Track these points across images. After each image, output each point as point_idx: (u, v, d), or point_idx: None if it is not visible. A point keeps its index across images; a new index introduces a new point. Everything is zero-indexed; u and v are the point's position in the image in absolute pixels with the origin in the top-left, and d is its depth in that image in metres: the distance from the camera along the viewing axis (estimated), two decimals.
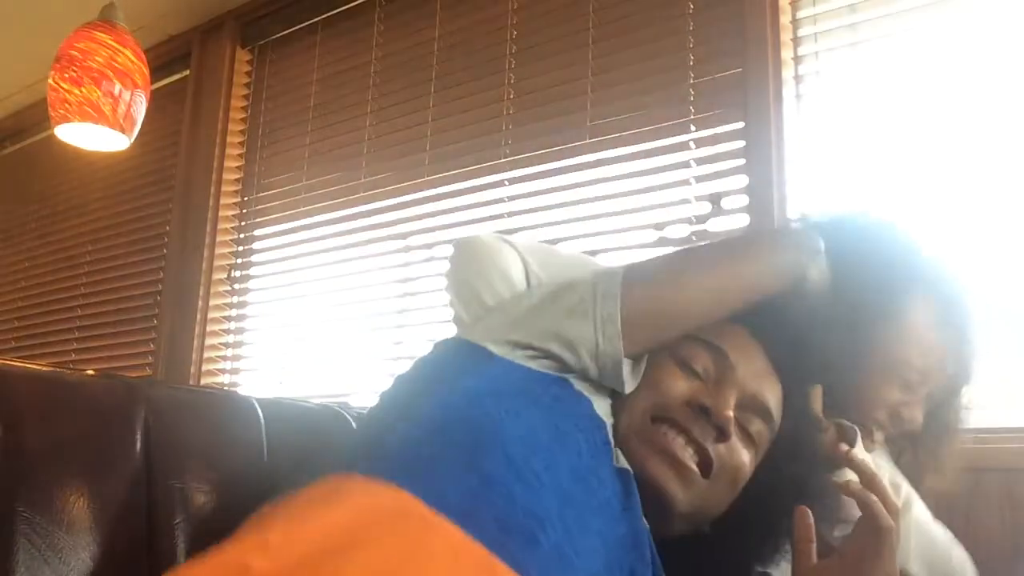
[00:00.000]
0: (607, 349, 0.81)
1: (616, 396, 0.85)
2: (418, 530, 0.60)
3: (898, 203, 1.50)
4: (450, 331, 0.96)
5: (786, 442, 0.86)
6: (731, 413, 0.81)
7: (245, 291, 2.55)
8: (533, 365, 0.81)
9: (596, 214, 1.86)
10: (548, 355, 0.82)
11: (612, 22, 1.92)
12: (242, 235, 2.57)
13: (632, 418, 0.83)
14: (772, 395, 0.86)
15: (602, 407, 0.83)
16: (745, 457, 0.83)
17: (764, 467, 0.85)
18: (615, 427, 0.83)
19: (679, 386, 0.83)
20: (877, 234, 1.04)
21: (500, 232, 1.00)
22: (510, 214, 2.01)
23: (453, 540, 0.60)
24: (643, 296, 0.83)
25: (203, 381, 2.45)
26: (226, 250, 2.56)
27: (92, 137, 2.09)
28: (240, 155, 2.62)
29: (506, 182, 2.03)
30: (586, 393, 0.81)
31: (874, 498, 0.78)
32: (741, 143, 1.68)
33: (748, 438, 0.84)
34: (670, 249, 0.96)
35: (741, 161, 1.68)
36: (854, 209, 1.10)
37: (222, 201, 2.57)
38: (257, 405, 0.91)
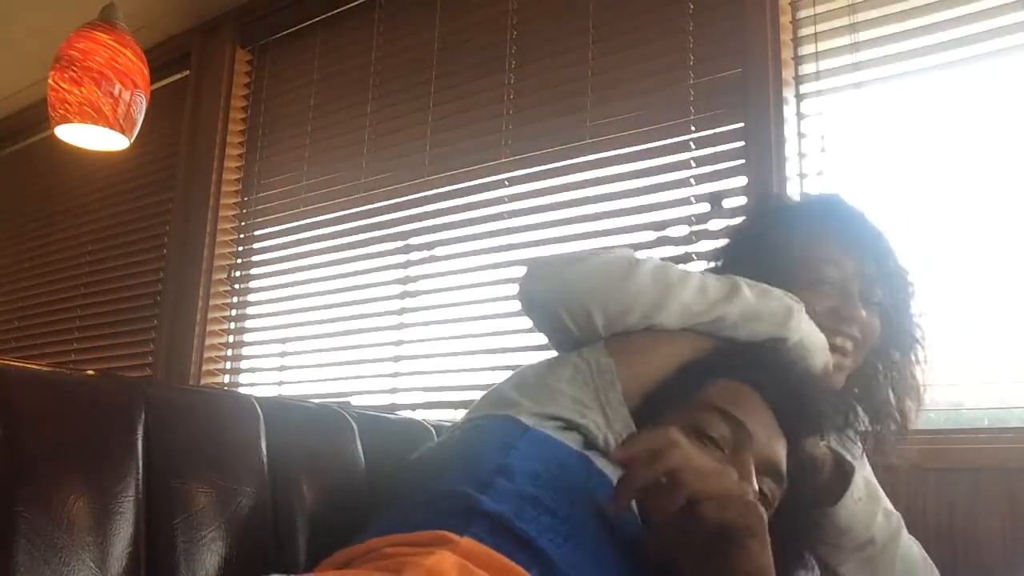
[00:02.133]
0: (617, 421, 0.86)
1: None
2: None
3: (899, 201, 1.50)
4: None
5: (789, 489, 0.87)
6: (755, 486, 0.81)
7: (245, 291, 2.55)
8: (562, 437, 0.83)
9: (596, 214, 1.86)
10: (572, 426, 0.85)
11: (612, 22, 1.92)
12: (242, 235, 2.57)
13: None
14: (783, 454, 0.87)
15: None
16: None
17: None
18: None
19: None
20: (760, 210, 1.21)
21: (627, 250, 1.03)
22: (510, 214, 2.01)
23: None
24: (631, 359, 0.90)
25: (203, 381, 2.46)
26: (226, 250, 2.56)
27: (92, 137, 2.09)
28: (240, 155, 2.62)
29: (506, 182, 2.03)
30: (607, 472, 0.82)
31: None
32: (741, 143, 1.68)
33: (765, 499, 0.84)
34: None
35: (741, 161, 1.68)
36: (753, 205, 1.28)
37: (222, 201, 2.57)
38: (257, 405, 0.91)
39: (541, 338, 1.87)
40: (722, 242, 1.20)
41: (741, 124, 1.69)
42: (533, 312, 1.00)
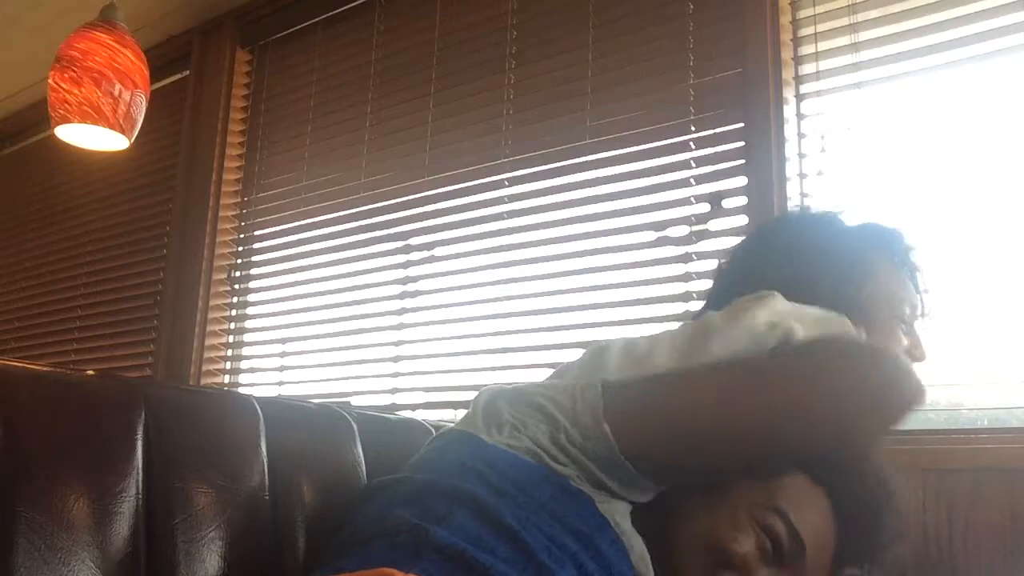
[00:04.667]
0: (595, 433, 0.79)
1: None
2: None
3: (899, 201, 1.50)
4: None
5: None
6: None
7: (245, 291, 2.55)
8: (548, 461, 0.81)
9: (596, 214, 1.86)
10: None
11: (612, 22, 1.92)
12: (242, 235, 2.57)
13: (692, 543, 0.83)
14: None
15: (615, 508, 0.81)
16: None
17: None
18: (656, 533, 0.83)
19: (747, 544, 0.82)
20: (823, 227, 1.13)
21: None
22: (510, 214, 2.01)
23: None
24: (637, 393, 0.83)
25: (203, 381, 2.46)
26: (226, 250, 2.57)
27: (92, 137, 2.08)
28: (240, 155, 2.62)
29: (506, 182, 2.03)
30: (587, 492, 0.80)
31: None
32: (741, 143, 1.68)
33: None
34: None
35: (741, 161, 1.68)
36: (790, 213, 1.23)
37: (222, 201, 2.57)
38: (257, 405, 0.91)
39: (540, 339, 1.89)
40: (746, 250, 1.14)
41: (741, 124, 1.69)
42: None
